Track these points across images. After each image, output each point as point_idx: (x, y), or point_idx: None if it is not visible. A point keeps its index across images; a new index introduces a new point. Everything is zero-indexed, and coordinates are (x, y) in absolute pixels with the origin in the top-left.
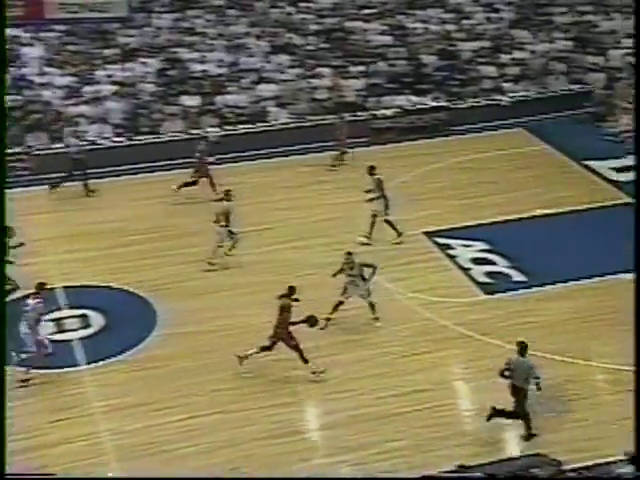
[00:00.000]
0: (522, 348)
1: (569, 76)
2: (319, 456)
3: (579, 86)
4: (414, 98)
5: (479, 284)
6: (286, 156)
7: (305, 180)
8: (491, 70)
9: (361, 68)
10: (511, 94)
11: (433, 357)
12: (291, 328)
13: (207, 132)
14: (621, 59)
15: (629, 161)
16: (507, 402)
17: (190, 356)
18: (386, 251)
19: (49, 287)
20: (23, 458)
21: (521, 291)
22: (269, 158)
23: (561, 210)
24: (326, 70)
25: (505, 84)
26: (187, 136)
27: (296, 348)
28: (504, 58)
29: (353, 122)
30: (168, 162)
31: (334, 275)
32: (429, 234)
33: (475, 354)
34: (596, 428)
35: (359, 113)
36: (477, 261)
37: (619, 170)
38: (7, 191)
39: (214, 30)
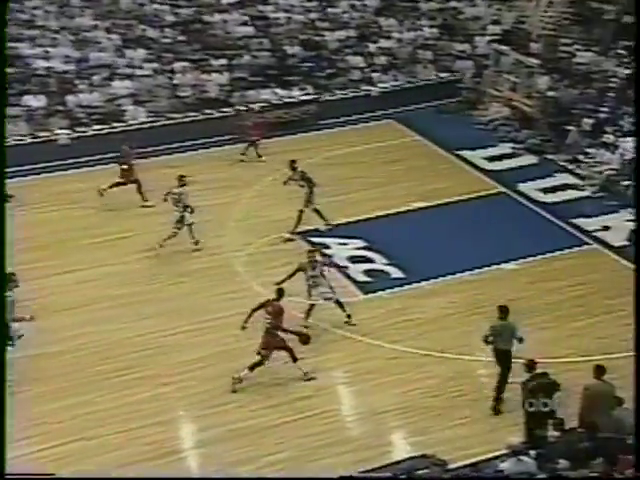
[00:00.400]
0: (503, 311)
1: (437, 64)
2: (197, 475)
3: (447, 74)
4: (280, 91)
5: (357, 283)
6: (145, 158)
7: (170, 183)
8: (358, 60)
9: (223, 61)
10: (380, 84)
11: (313, 362)
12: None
13: (57, 135)
14: (487, 46)
15: (500, 149)
16: (385, 404)
17: (49, 379)
18: (257, 254)
19: None
20: None
21: (400, 288)
22: None
23: (436, 202)
24: (185, 64)
25: (373, 74)
26: (34, 140)
27: (290, 351)
28: (371, 47)
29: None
30: (14, 169)
31: (283, 281)
32: (303, 234)
33: (356, 356)
34: (481, 424)
35: (224, 109)
36: (355, 259)
37: (491, 159)
38: None
39: (56, 23)
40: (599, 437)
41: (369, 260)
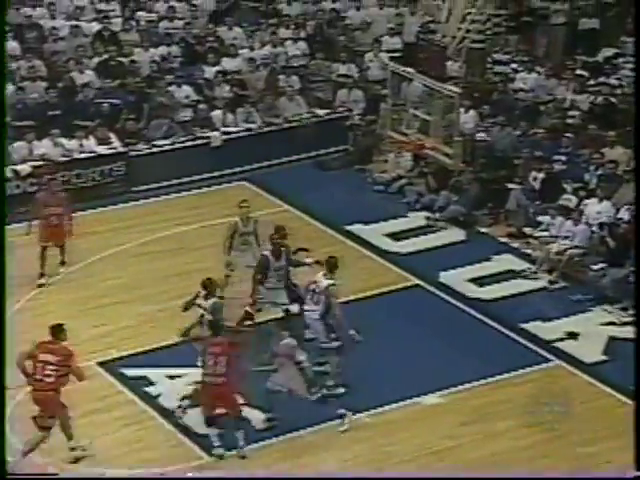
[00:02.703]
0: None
1: (309, 96)
2: None
3: (326, 111)
4: (67, 143)
5: (199, 438)
6: None
7: None
8: (187, 92)
9: None
10: (224, 129)
11: None
12: None
13: None
14: (382, 68)
15: (410, 222)
16: None
17: None
18: (26, 402)
19: None
20: None
21: (265, 442)
22: None
23: None
24: None
25: (213, 113)
26: None
27: None
28: (207, 72)
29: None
30: None
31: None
32: (108, 364)
33: None
34: None
35: None
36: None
37: (397, 237)
38: None
39: None
40: None
41: None
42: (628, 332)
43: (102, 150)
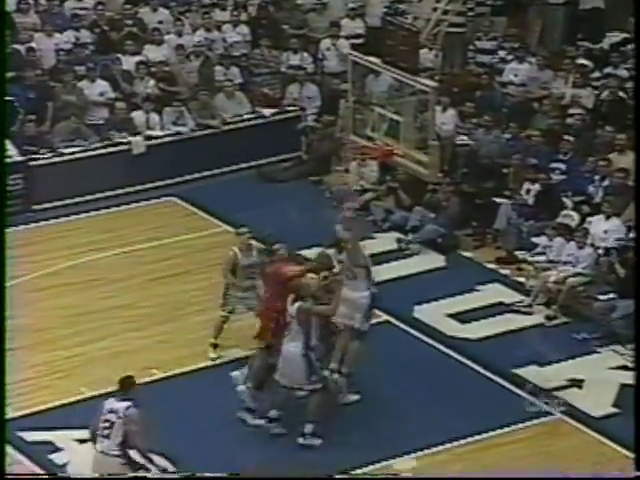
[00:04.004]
0: None
1: (251, 92)
2: None
3: (273, 111)
4: None
5: None
6: None
7: None
8: (103, 88)
9: None
10: (148, 132)
11: None
12: None
13: None
14: (341, 58)
15: (379, 244)
16: None
17: None
18: None
19: None
20: None
21: None
22: None
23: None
24: None
25: (134, 113)
26: None
27: None
28: (126, 62)
29: None
30: None
31: None
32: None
33: None
34: None
35: None
36: None
37: None
38: None
39: None
40: None
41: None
42: None
43: None
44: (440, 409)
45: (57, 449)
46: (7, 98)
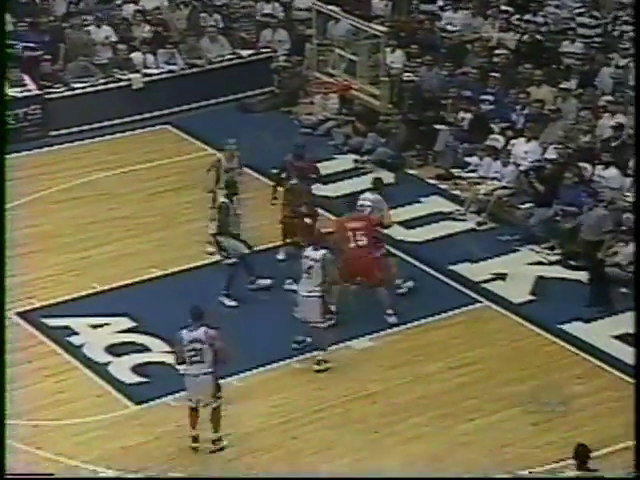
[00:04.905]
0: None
1: (232, 36)
2: None
3: (250, 52)
4: None
5: (125, 387)
6: None
7: None
8: (107, 32)
9: None
10: (145, 70)
11: None
12: None
13: None
14: (307, 6)
15: (338, 164)
16: None
17: None
18: None
19: None
20: None
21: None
22: None
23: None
24: None
25: (133, 54)
26: None
27: None
28: (126, 10)
29: None
30: None
31: None
32: (28, 315)
33: None
34: None
35: None
36: (118, 350)
37: (325, 180)
38: None
39: None
40: None
41: (141, 349)
42: (555, 271)
43: (16, 93)
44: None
45: (74, 333)
46: (27, 44)
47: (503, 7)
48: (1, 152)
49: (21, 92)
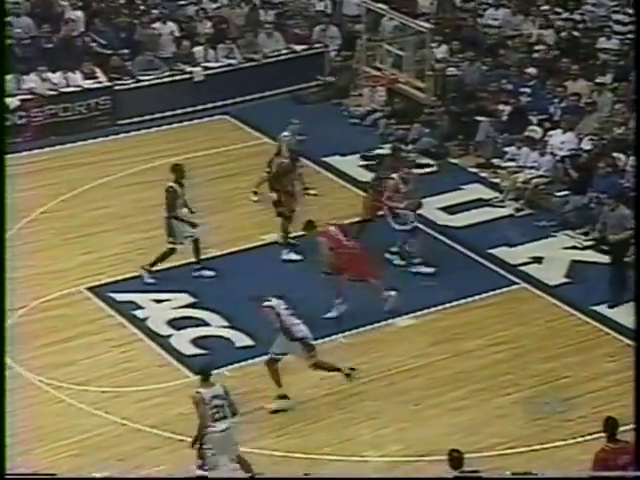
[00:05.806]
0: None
1: (287, 32)
2: None
3: (304, 47)
4: (53, 76)
5: (185, 358)
6: None
7: None
8: (171, 28)
9: None
10: (206, 64)
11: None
12: None
13: None
14: (357, 4)
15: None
16: None
17: None
18: (21, 324)
19: None
20: None
21: (248, 362)
22: None
23: (295, 235)
24: None
25: (195, 49)
26: None
27: None
28: (190, 9)
29: None
30: None
31: None
32: (97, 289)
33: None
34: None
35: None
36: (178, 324)
37: (371, 167)
38: None
39: None
40: None
41: (200, 323)
42: (589, 256)
43: (88, 84)
44: (433, 281)
45: (139, 307)
46: (101, 40)
47: (543, 6)
48: (1, 152)
49: (92, 84)
